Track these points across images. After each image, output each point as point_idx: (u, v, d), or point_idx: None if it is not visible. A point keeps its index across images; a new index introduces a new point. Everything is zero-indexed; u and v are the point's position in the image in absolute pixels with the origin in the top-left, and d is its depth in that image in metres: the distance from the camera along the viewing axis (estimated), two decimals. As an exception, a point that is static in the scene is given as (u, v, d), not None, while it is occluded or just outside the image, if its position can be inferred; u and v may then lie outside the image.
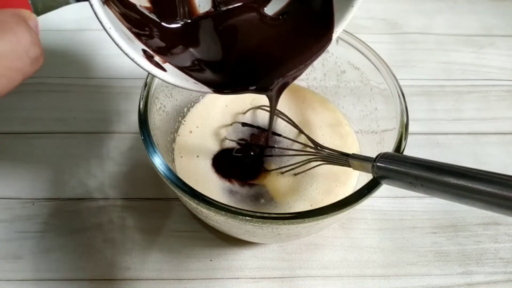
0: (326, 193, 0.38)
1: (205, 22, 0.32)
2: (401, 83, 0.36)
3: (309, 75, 0.44)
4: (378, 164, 0.28)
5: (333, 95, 0.44)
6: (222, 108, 0.43)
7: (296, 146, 0.40)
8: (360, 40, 0.38)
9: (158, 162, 0.31)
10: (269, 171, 0.39)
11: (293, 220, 0.28)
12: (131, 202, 0.42)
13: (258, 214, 0.28)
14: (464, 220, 0.42)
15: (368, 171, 0.30)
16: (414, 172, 0.25)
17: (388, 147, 0.34)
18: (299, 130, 0.40)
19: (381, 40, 0.56)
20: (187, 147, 0.40)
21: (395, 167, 0.27)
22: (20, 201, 0.42)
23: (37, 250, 0.39)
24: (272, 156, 0.40)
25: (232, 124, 0.42)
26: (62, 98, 0.49)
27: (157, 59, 0.28)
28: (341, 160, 0.33)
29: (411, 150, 0.35)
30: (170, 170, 0.31)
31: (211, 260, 0.39)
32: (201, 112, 0.43)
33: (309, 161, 0.37)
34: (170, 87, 0.38)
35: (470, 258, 0.40)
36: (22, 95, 0.49)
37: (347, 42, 0.39)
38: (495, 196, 0.21)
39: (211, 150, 0.40)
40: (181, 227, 0.40)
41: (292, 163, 0.39)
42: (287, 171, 0.39)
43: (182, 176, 0.32)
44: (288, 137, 0.40)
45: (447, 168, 0.24)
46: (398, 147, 0.33)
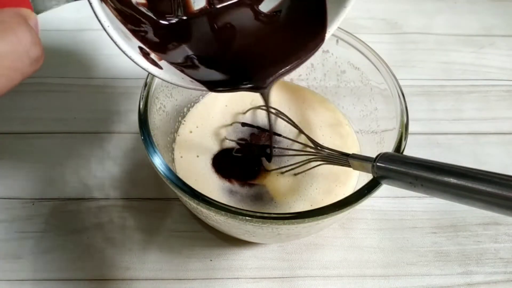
0: (326, 193, 0.38)
1: (199, 18, 0.32)
2: (401, 83, 0.36)
3: (309, 75, 0.44)
4: (378, 164, 0.28)
5: (333, 95, 0.44)
6: (222, 108, 0.43)
7: (296, 146, 0.40)
8: (360, 40, 0.38)
9: (158, 162, 0.31)
10: (269, 171, 0.39)
11: (293, 220, 0.28)
12: (131, 202, 0.42)
13: (258, 214, 0.28)
14: (464, 220, 0.42)
15: (368, 171, 0.30)
16: (414, 172, 0.25)
17: (388, 147, 0.34)
18: (299, 130, 0.40)
19: (381, 40, 0.56)
20: (187, 147, 0.40)
21: (395, 167, 0.27)
22: (20, 201, 0.42)
23: (37, 250, 0.39)
24: (272, 156, 0.40)
25: (232, 124, 0.42)
26: (62, 98, 0.49)
27: (153, 57, 0.28)
28: (341, 160, 0.33)
29: (411, 150, 0.35)
30: (170, 170, 0.31)
31: (211, 260, 0.39)
32: (201, 112, 0.43)
33: (309, 161, 0.37)
34: (170, 87, 0.38)
35: (470, 258, 0.40)
36: (22, 95, 0.49)
37: (347, 42, 0.39)
38: (495, 196, 0.21)
39: (211, 150, 0.40)
40: (181, 227, 0.40)
41: (292, 163, 0.39)
42: (287, 171, 0.39)
43: (182, 176, 0.32)
44: (288, 137, 0.40)
45: (447, 168, 0.24)
46: (398, 147, 0.33)
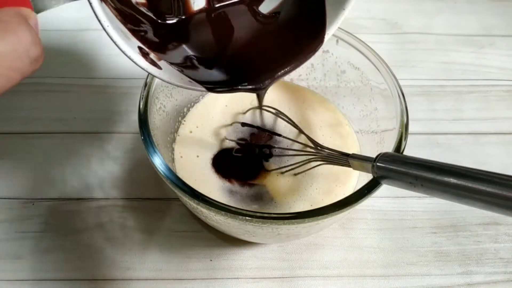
0: (326, 193, 0.38)
1: (199, 19, 0.32)
2: (401, 83, 0.36)
3: (309, 75, 0.44)
4: (378, 164, 0.28)
5: (333, 95, 0.44)
6: (222, 108, 0.43)
7: (296, 146, 0.40)
8: (360, 40, 0.38)
9: (158, 162, 0.31)
10: (269, 171, 0.39)
11: (293, 220, 0.28)
12: (131, 202, 0.42)
13: (258, 214, 0.28)
14: (464, 220, 0.42)
15: (368, 171, 0.30)
16: (414, 172, 0.25)
17: (388, 147, 0.34)
18: (299, 130, 0.40)
19: (381, 40, 0.56)
20: (187, 147, 0.40)
21: (395, 167, 0.27)
22: (20, 201, 0.42)
23: (37, 250, 0.39)
24: (272, 156, 0.40)
25: (232, 124, 0.42)
26: (62, 98, 0.49)
27: (152, 57, 0.28)
28: (341, 160, 0.33)
29: (411, 150, 0.35)
30: (170, 170, 0.31)
31: (211, 260, 0.39)
32: (201, 112, 0.43)
33: (309, 161, 0.37)
34: (170, 87, 0.38)
35: (470, 258, 0.40)
36: (22, 95, 0.49)
37: (347, 42, 0.39)
38: (495, 196, 0.21)
39: (211, 150, 0.40)
40: (181, 227, 0.40)
41: (292, 163, 0.39)
42: (287, 171, 0.39)
43: (182, 176, 0.32)
44: (288, 137, 0.40)
45: (447, 168, 0.24)
46: (398, 147, 0.33)
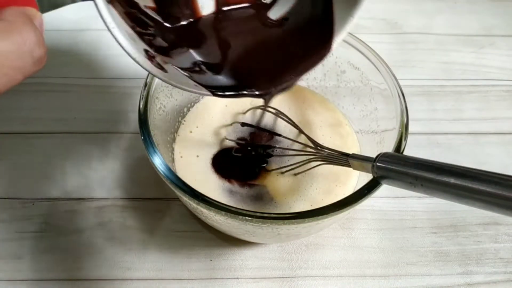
0: (326, 193, 0.38)
1: (207, 24, 0.32)
2: (401, 83, 0.36)
3: (309, 75, 0.44)
4: (378, 164, 0.28)
5: (333, 95, 0.44)
6: (222, 108, 0.43)
7: (296, 146, 0.40)
8: (360, 40, 0.38)
9: (158, 162, 0.31)
10: (269, 171, 0.39)
11: (293, 220, 0.28)
12: (131, 202, 0.42)
13: (258, 214, 0.28)
14: (464, 220, 0.42)
15: (368, 171, 0.30)
16: (414, 172, 0.25)
17: (388, 147, 0.34)
18: (299, 130, 0.40)
19: (381, 40, 0.56)
20: (187, 147, 0.40)
21: (395, 167, 0.27)
22: (20, 201, 0.42)
23: (37, 250, 0.39)
24: (272, 156, 0.40)
25: (232, 124, 0.42)
26: (62, 98, 0.49)
27: (158, 60, 0.28)
28: (341, 160, 0.33)
29: (411, 150, 0.35)
30: (170, 170, 0.31)
31: (211, 260, 0.39)
32: (201, 112, 0.43)
33: (309, 161, 0.37)
34: (170, 87, 0.38)
35: (470, 258, 0.40)
36: (22, 94, 0.49)
37: (347, 42, 0.39)
38: (495, 196, 0.21)
39: (211, 150, 0.40)
40: (181, 227, 0.40)
41: (292, 163, 0.39)
42: (287, 171, 0.39)
43: (182, 176, 0.32)
44: (288, 137, 0.40)
45: (447, 168, 0.24)
46: (398, 147, 0.33)
